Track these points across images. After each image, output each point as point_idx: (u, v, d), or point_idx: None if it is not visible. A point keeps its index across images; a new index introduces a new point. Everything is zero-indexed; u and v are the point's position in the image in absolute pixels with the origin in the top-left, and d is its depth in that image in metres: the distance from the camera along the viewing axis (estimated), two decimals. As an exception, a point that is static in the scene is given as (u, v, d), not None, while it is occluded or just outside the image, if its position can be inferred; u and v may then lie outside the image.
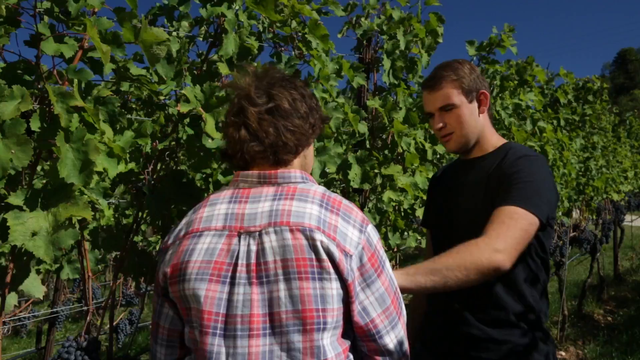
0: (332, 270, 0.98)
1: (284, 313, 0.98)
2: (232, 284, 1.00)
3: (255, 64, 1.58)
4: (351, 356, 1.06)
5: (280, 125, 1.09)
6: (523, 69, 3.24)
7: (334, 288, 0.99)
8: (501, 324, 1.44)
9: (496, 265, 1.22)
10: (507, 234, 1.26)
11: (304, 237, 0.98)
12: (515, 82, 3.22)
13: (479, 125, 1.54)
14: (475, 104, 1.53)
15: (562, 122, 4.22)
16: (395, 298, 1.08)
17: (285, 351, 0.98)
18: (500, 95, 3.09)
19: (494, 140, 1.57)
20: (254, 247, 1.01)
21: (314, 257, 0.98)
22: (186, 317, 1.05)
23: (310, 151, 1.21)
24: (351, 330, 1.06)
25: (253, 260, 1.00)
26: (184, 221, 1.12)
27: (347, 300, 1.02)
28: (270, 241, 1.00)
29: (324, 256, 0.98)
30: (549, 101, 4.16)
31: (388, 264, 1.09)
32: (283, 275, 0.98)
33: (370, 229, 1.07)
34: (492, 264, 1.22)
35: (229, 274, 1.01)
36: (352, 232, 1.03)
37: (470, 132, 1.53)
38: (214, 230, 1.05)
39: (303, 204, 1.03)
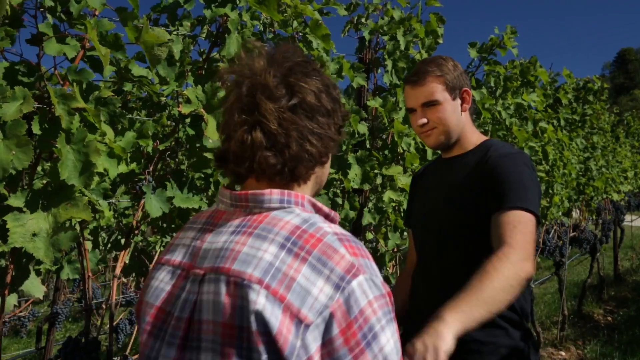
0: (262, 348, 0.70)
1: None
2: (163, 339, 0.80)
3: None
4: None
5: (304, 127, 0.83)
6: (526, 69, 3.23)
7: None
8: (484, 325, 1.43)
9: (530, 276, 1.21)
10: (525, 240, 1.25)
11: (238, 296, 0.72)
12: (519, 82, 3.21)
13: (460, 123, 1.53)
14: (458, 102, 1.52)
15: (562, 122, 4.22)
16: None
17: None
18: (502, 95, 3.09)
19: (474, 138, 1.56)
20: (192, 297, 0.79)
21: (242, 325, 0.71)
22: None
23: (329, 159, 0.94)
24: None
25: (186, 314, 0.78)
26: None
27: None
28: (208, 293, 0.76)
29: (252, 326, 0.70)
30: (550, 101, 4.16)
31: (384, 337, 0.74)
32: (211, 343, 0.74)
33: (358, 284, 0.74)
34: (527, 274, 1.20)
35: (164, 326, 0.81)
36: (320, 287, 0.72)
37: (452, 129, 1.51)
38: (171, 266, 0.87)
39: (259, 243, 0.76)
